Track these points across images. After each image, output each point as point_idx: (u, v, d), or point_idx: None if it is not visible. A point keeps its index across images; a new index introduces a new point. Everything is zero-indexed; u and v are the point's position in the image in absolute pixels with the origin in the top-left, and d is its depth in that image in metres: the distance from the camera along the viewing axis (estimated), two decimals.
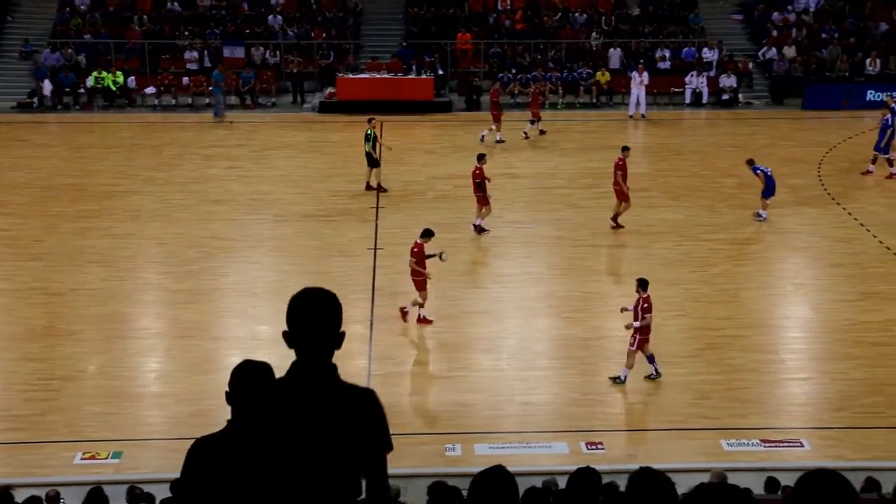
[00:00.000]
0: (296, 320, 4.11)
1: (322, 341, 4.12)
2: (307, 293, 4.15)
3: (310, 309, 4.13)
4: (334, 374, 4.16)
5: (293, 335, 4.14)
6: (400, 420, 16.17)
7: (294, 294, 4.15)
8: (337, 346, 4.17)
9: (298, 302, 4.13)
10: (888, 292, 20.60)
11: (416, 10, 38.54)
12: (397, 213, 24.99)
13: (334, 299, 4.17)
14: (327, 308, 4.15)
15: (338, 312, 4.18)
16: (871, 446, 15.51)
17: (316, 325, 4.10)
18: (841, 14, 38.62)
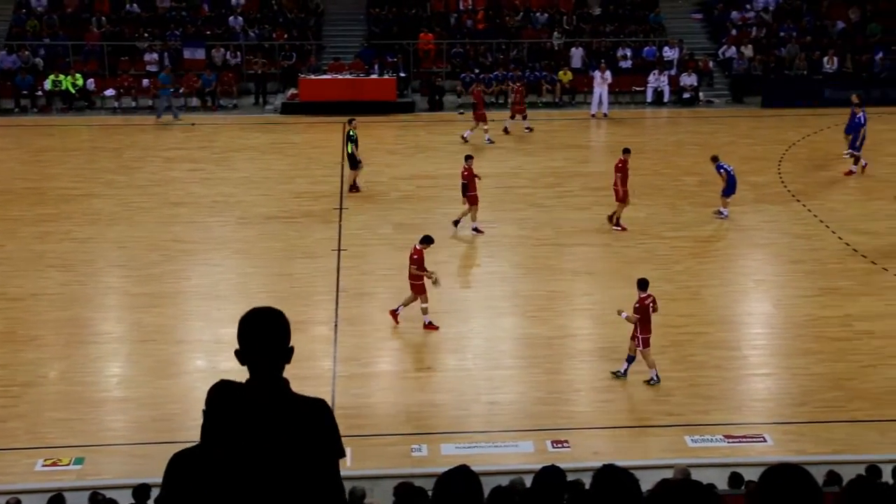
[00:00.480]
0: (246, 340, 4.28)
1: (273, 358, 4.27)
2: (255, 313, 4.33)
3: (259, 328, 4.29)
4: (286, 388, 4.30)
5: (245, 354, 4.29)
6: (366, 421, 16.16)
7: (243, 315, 4.32)
8: (286, 360, 4.30)
9: (248, 322, 4.30)
10: (847, 288, 20.85)
11: (377, 10, 38.48)
12: (361, 214, 24.95)
13: (282, 317, 4.34)
14: (275, 326, 4.31)
15: (285, 329, 4.34)
16: (832, 440, 15.70)
17: (266, 344, 4.26)
18: (798, 13, 39.00)
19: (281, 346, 4.27)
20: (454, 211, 25.13)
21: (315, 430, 4.26)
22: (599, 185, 27.06)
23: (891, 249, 22.80)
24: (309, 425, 4.25)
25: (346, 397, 16.84)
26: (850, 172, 27.74)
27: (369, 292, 20.91)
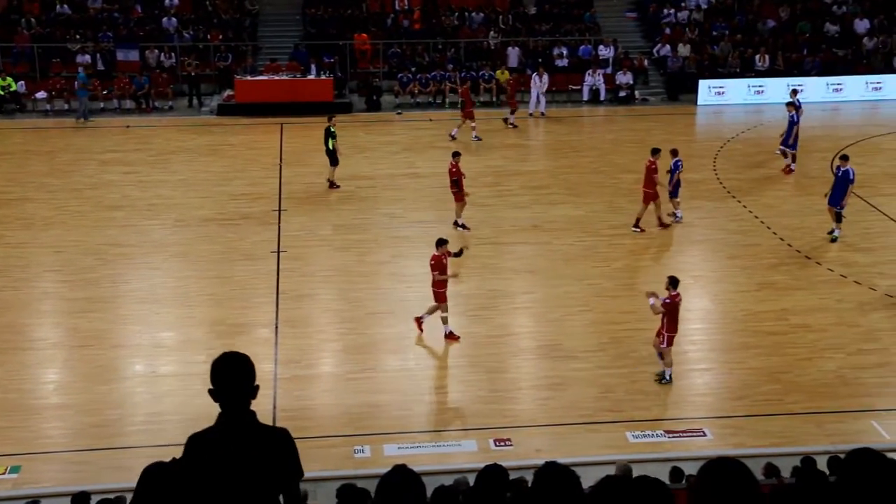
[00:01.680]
0: (219, 381, 4.98)
1: (242, 396, 4.98)
2: (226, 358, 5.03)
3: (229, 371, 4.99)
4: (254, 420, 5.03)
5: (218, 393, 5.00)
6: (307, 423, 16.07)
7: (215, 359, 5.01)
8: (253, 397, 5.01)
9: (219, 366, 5.00)
10: (783, 282, 21.20)
11: (313, 11, 38.27)
12: (300, 216, 24.80)
13: (248, 362, 5.06)
14: (243, 370, 5.02)
15: (252, 372, 5.05)
16: (769, 433, 15.95)
17: (236, 385, 4.97)
18: (730, 11, 39.58)
19: (249, 386, 4.99)
20: (395, 211, 25.14)
21: (279, 455, 5.00)
22: (538, 183, 27.25)
23: (824, 244, 23.23)
24: (274, 451, 4.99)
25: (287, 399, 16.73)
26: (788, 170, 28.13)
27: (309, 294, 20.80)
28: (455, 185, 23.69)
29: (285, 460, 5.06)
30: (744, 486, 3.80)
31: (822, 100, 36.02)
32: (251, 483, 4.89)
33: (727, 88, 35.96)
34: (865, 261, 22.38)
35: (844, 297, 20.57)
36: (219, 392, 5.00)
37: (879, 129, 32.17)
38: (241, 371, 5.00)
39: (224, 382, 4.96)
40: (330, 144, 26.76)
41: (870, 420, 16.30)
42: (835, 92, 36.36)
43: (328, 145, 26.87)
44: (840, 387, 17.24)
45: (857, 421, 16.31)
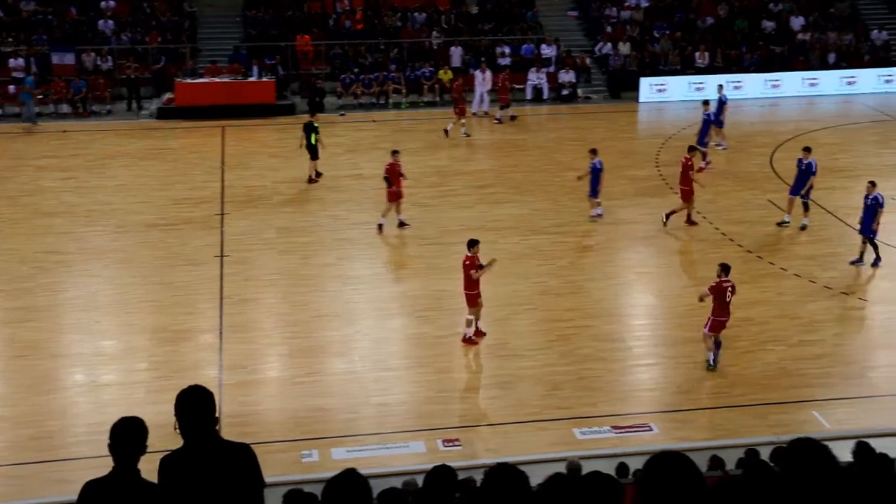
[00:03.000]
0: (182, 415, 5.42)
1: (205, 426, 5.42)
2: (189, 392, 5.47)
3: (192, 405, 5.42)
4: (219, 439, 5.51)
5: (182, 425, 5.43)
6: (254, 429, 15.90)
7: (179, 393, 5.43)
8: (215, 425, 5.46)
9: (183, 401, 5.43)
10: None
11: (254, 12, 37.94)
12: (243, 220, 24.56)
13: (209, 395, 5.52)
14: (205, 403, 5.46)
15: (213, 404, 5.50)
16: (714, 426, 16.11)
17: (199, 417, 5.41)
18: (670, 10, 39.96)
19: (211, 417, 5.45)
20: (339, 213, 25.01)
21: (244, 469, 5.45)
22: (483, 183, 27.27)
23: (765, 238, 23.53)
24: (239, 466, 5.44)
25: (233, 405, 16.54)
26: (701, 169, 28.38)
27: (254, 298, 20.60)
28: (390, 184, 23.57)
29: (248, 473, 5.48)
30: (688, 480, 3.80)
31: (761, 96, 36.53)
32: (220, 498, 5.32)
33: (668, 86, 36.30)
34: (805, 254, 22.70)
35: (785, 290, 20.85)
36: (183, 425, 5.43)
37: (816, 125, 32.69)
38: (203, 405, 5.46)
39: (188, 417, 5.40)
40: (312, 139, 27.16)
41: (811, 410, 16.53)
42: (773, 88, 36.88)
43: (310, 140, 27.21)
44: (782, 378, 17.45)
45: (799, 411, 16.53)
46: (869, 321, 19.76)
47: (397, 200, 23.76)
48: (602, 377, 17.55)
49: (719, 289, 17.26)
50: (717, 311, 17.35)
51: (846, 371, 17.74)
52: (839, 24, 39.48)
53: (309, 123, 27.50)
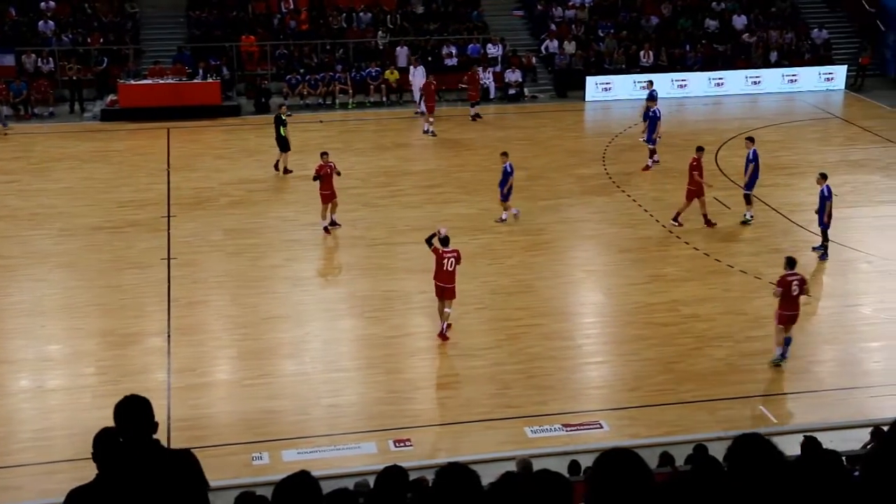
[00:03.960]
0: (122, 423, 5.44)
1: (145, 432, 5.45)
2: (127, 401, 5.49)
3: (131, 414, 5.45)
4: (160, 447, 5.51)
5: (122, 432, 5.46)
6: (204, 432, 15.80)
7: (117, 403, 5.43)
8: (155, 431, 5.48)
9: (121, 410, 5.44)
10: (672, 274, 21.65)
11: (198, 13, 37.57)
12: (190, 222, 24.34)
13: (147, 403, 5.52)
14: (144, 411, 5.47)
15: (151, 411, 5.51)
16: (663, 422, 16.26)
17: (139, 425, 5.44)
18: (614, 9, 40.27)
19: (150, 423, 5.48)
20: (287, 214, 24.88)
21: (188, 473, 5.51)
22: (431, 183, 27.29)
23: (710, 235, 23.80)
24: (182, 471, 5.50)
25: (182, 409, 16.40)
26: (648, 167, 28.69)
27: (202, 301, 20.44)
28: (324, 186, 23.60)
29: (192, 477, 5.55)
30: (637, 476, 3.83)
31: (705, 94, 36.95)
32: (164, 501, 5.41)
33: (613, 84, 36.57)
34: (750, 250, 23.01)
35: (731, 286, 21.12)
36: (124, 433, 5.50)
37: (759, 122, 33.13)
38: (142, 413, 5.49)
39: (128, 425, 5.46)
40: (282, 131, 27.50)
41: (759, 405, 16.77)
42: (716, 86, 37.31)
43: (279, 132, 27.54)
44: (730, 374, 17.68)
45: (747, 406, 16.76)
46: (814, 316, 20.06)
47: (330, 202, 23.68)
48: (552, 375, 17.64)
49: (784, 283, 17.49)
50: (784, 305, 17.53)
51: (792, 366, 18.00)
52: (780, 23, 40.06)
53: (278, 116, 27.94)
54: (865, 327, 19.60)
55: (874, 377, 17.83)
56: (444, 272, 18.55)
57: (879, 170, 28.58)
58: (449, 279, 18.59)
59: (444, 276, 18.58)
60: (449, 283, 18.61)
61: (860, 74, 38.25)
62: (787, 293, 17.43)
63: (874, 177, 28.00)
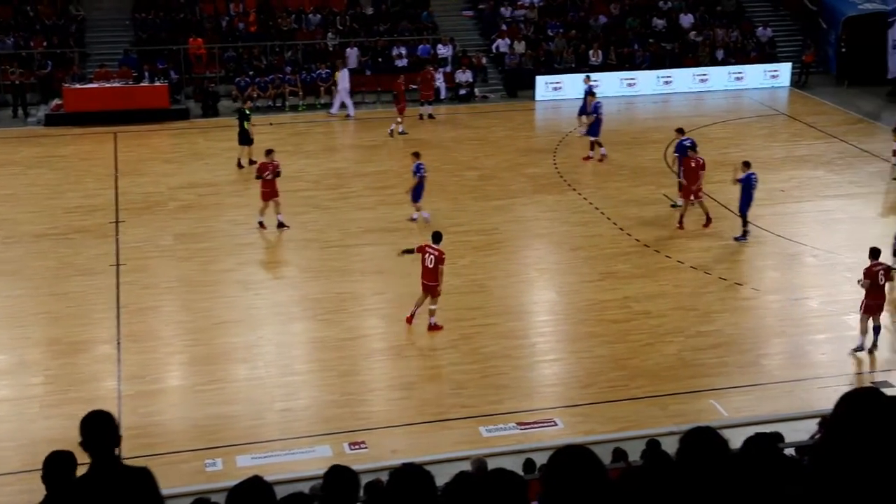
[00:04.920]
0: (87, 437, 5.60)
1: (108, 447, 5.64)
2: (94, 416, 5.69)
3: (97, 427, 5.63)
4: (119, 464, 5.71)
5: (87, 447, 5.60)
6: (156, 440, 15.65)
7: (84, 417, 5.61)
8: (118, 445, 5.69)
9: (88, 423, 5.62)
10: (624, 271, 21.80)
11: (143, 15, 37.15)
12: (139, 227, 24.07)
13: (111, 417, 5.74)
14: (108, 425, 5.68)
15: (116, 425, 5.73)
16: (617, 418, 16.37)
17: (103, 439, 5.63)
18: (563, 8, 40.47)
19: (114, 437, 5.68)
20: (238, 218, 24.70)
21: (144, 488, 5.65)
22: (383, 184, 27.22)
23: (661, 232, 24.00)
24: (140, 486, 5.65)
25: (133, 417, 16.20)
26: (588, 157, 29.10)
27: (153, 306, 20.22)
28: (263, 184, 23.66)
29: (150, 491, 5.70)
30: (590, 473, 3.84)
31: (653, 92, 37.26)
32: None
33: (563, 84, 36.72)
34: (699, 246, 23.23)
35: (682, 282, 21.32)
36: (88, 448, 5.64)
37: (706, 120, 33.47)
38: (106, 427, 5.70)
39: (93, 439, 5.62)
40: (245, 125, 28.11)
41: (710, 399, 16.94)
42: (665, 84, 37.64)
43: (242, 126, 28.15)
44: (681, 369, 17.85)
45: (698, 401, 16.93)
46: (761, 310, 20.33)
47: (271, 199, 23.68)
48: (506, 374, 17.69)
49: (871, 273, 17.89)
50: (871, 295, 17.92)
51: (741, 360, 18.23)
52: (726, 22, 40.51)
53: (241, 110, 28.56)
54: (813, 320, 19.89)
55: (822, 369, 18.10)
56: (424, 268, 18.69)
57: (824, 165, 29.02)
58: (427, 276, 18.70)
59: (424, 273, 18.72)
60: (429, 280, 18.73)
61: (804, 72, 38.79)
62: (874, 283, 17.91)
63: (819, 172, 28.41)
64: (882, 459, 3.02)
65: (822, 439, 3.18)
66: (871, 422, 3.07)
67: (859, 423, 3.09)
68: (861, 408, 3.13)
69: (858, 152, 30.14)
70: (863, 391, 3.21)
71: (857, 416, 3.10)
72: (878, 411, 3.11)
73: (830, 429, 3.15)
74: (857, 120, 33.86)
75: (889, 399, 3.15)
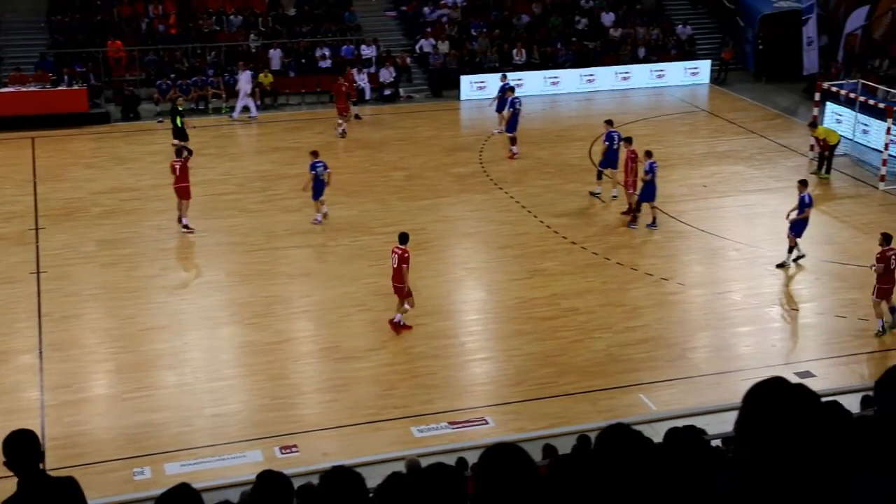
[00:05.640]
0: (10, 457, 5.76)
1: (33, 464, 5.81)
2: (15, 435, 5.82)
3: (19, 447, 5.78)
4: (45, 476, 5.90)
5: (12, 466, 5.75)
6: (82, 450, 15.37)
7: (4, 439, 5.77)
8: (41, 460, 5.86)
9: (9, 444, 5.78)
10: (551, 268, 21.97)
11: (59, 17, 36.41)
12: (60, 233, 23.60)
13: (34, 436, 5.89)
14: (31, 443, 5.82)
15: (38, 443, 5.89)
16: (547, 415, 16.48)
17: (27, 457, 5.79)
18: (486, 8, 40.66)
19: (37, 455, 5.83)
20: (162, 222, 24.36)
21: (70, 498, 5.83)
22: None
23: (587, 229, 24.23)
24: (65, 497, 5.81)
25: (58, 427, 15.89)
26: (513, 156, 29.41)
27: (76, 314, 19.84)
28: (182, 181, 23.67)
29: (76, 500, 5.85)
30: (520, 469, 3.87)
31: (577, 90, 37.61)
32: None
33: (488, 83, 36.84)
34: (625, 242, 23.52)
35: (609, 278, 21.55)
36: (12, 467, 5.77)
37: (630, 117, 33.85)
38: (29, 446, 5.83)
39: (15, 459, 5.76)
40: (178, 121, 28.64)
41: (638, 394, 17.14)
42: (588, 82, 38.02)
43: (176, 122, 28.71)
44: (609, 364, 18.04)
45: (627, 395, 17.12)
46: (687, 304, 20.64)
47: (187, 198, 23.74)
48: (437, 374, 17.71)
49: (884, 258, 18.47)
50: (883, 279, 18.55)
51: (668, 354, 18.48)
52: (646, 20, 41.07)
53: (174, 107, 29.05)
54: (736, 313, 20.25)
55: (746, 361, 18.44)
56: (392, 270, 18.81)
57: (744, 160, 29.57)
58: (393, 277, 18.81)
59: (392, 275, 18.84)
60: (395, 281, 18.81)
61: (723, 69, 39.51)
62: (888, 267, 18.53)
63: (739, 167, 28.95)
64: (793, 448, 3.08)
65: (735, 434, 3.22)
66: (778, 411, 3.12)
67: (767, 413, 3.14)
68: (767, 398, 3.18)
69: (777, 147, 30.79)
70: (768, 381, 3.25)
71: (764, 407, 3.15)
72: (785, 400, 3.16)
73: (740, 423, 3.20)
74: (774, 115, 34.58)
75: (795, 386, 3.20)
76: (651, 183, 23.90)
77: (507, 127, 29.81)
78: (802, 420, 3.09)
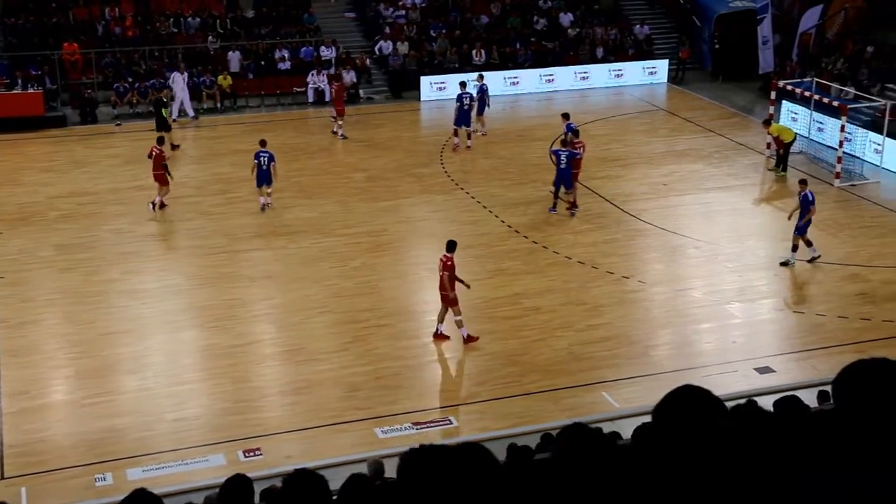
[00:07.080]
0: None
1: None
2: None
3: None
4: None
5: None
6: (42, 457, 15.21)
7: None
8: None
9: None
10: (513, 268, 22.03)
11: (13, 19, 35.96)
12: (16, 238, 23.33)
13: None
14: None
15: None
16: (511, 414, 16.52)
17: None
18: (445, 9, 40.69)
19: None
20: (121, 226, 24.16)
21: None
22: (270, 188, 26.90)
23: (547, 228, 24.33)
24: None
25: (16, 435, 15.71)
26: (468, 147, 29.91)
27: (34, 320, 19.61)
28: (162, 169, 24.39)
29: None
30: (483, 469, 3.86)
31: (536, 90, 37.75)
32: None
33: (448, 84, 36.88)
34: (586, 241, 23.63)
35: (570, 277, 21.64)
36: None
37: (589, 117, 34.03)
38: None
39: None
40: (163, 112, 29.91)
41: (601, 392, 17.23)
42: (547, 82, 38.18)
43: (161, 114, 29.83)
44: (572, 362, 18.11)
45: (590, 393, 17.21)
46: (648, 302, 20.78)
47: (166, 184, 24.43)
48: (400, 375, 17.70)
49: None
50: None
51: (630, 351, 18.59)
52: (604, 20, 41.29)
53: (158, 99, 30.31)
54: (696, 310, 20.42)
55: (707, 357, 18.61)
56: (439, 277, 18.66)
57: (702, 158, 29.82)
58: (440, 286, 18.65)
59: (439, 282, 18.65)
60: (440, 289, 18.67)
61: (680, 68, 39.84)
62: None
63: (698, 165, 29.20)
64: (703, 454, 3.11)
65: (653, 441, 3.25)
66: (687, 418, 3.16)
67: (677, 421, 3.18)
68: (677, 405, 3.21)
69: (735, 145, 31.08)
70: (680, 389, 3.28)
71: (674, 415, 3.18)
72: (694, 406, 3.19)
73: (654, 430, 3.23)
74: (731, 114, 34.91)
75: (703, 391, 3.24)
76: (566, 169, 24.63)
77: (455, 120, 30.24)
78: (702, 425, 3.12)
